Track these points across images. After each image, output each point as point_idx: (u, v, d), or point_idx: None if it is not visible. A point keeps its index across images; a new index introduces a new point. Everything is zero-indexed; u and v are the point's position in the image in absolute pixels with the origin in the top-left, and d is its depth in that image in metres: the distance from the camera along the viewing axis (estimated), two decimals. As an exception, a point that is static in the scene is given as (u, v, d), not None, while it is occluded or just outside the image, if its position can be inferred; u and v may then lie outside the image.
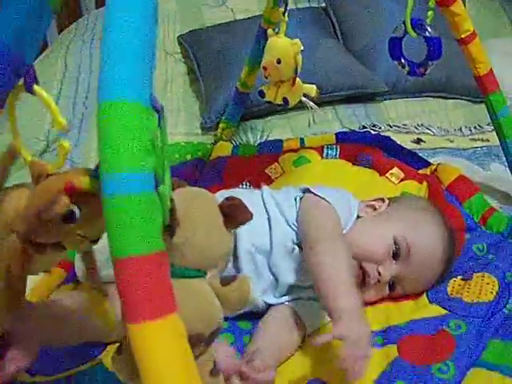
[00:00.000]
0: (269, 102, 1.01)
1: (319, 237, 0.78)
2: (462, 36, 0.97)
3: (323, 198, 0.85)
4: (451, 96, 1.63)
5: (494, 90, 1.03)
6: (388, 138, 1.33)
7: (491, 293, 0.85)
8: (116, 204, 0.38)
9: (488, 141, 1.40)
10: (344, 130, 1.42)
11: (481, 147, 1.40)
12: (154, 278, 0.38)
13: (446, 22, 0.97)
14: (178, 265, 0.49)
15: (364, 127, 1.46)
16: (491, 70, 1.01)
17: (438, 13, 0.95)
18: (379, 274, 0.83)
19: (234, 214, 0.52)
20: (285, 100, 0.99)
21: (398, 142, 1.32)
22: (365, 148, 1.26)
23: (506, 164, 1.13)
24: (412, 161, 1.25)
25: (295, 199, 0.89)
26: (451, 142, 1.44)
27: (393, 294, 0.88)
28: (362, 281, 0.84)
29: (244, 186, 1.17)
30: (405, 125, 1.49)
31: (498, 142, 1.13)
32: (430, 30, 0.92)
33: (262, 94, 1.01)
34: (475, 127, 1.49)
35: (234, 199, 0.53)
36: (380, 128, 1.46)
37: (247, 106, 1.37)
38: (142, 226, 0.38)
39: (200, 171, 1.23)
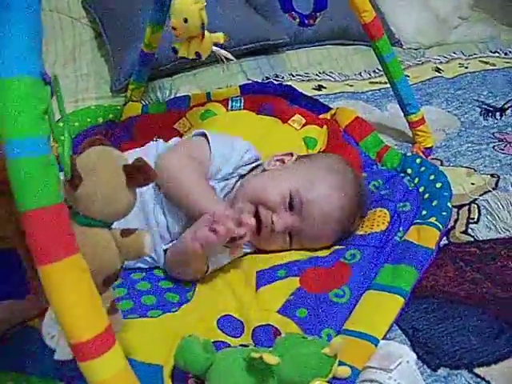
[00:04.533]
0: (182, 58, 1.02)
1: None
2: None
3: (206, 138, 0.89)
4: (350, 42, 1.69)
5: (380, 36, 1.08)
6: (289, 86, 1.36)
7: (383, 223, 0.92)
8: (17, 166, 0.45)
9: (385, 83, 1.47)
10: (248, 82, 1.45)
11: (378, 89, 1.48)
12: (56, 226, 0.46)
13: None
14: (83, 214, 0.53)
15: (267, 78, 1.50)
16: (376, 17, 1.06)
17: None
18: (272, 222, 0.86)
19: (136, 175, 0.55)
20: (197, 54, 1.01)
21: (300, 90, 1.36)
22: (267, 98, 1.30)
23: (397, 101, 1.20)
24: (313, 107, 1.30)
25: None
26: (351, 86, 1.51)
27: (293, 247, 0.90)
28: (258, 229, 0.86)
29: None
30: (306, 73, 1.54)
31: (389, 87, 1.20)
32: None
33: (175, 50, 1.02)
34: (374, 71, 1.56)
35: (138, 161, 0.56)
36: (283, 78, 1.50)
37: (154, 66, 1.37)
38: (40, 183, 0.45)
39: (112, 133, 1.23)
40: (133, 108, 1.30)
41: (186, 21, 0.95)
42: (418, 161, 1.08)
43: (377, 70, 1.56)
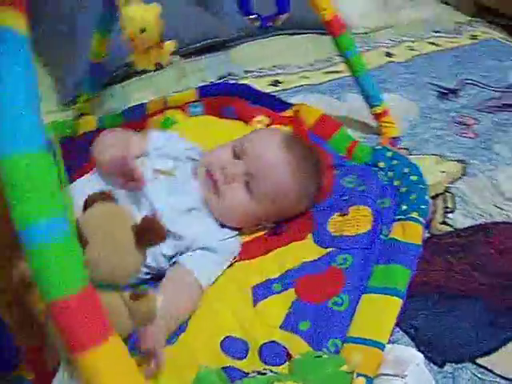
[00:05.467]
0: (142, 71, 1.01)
1: None
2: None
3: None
4: (299, 32, 1.71)
5: (342, 33, 1.10)
6: (246, 85, 1.37)
7: (368, 222, 0.95)
8: (37, 253, 0.42)
9: (341, 72, 1.49)
10: (204, 83, 1.44)
11: (334, 79, 1.50)
12: (88, 310, 0.43)
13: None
14: (90, 278, 0.51)
15: (223, 77, 1.50)
16: (336, 15, 1.08)
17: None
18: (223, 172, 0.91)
19: (147, 235, 0.54)
20: (158, 64, 1.00)
21: (257, 88, 1.37)
22: (228, 100, 1.30)
23: (361, 95, 1.23)
24: (274, 104, 1.31)
25: None
26: (307, 78, 1.52)
27: (254, 198, 0.92)
28: (214, 187, 0.91)
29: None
30: (260, 69, 1.54)
31: (349, 73, 1.22)
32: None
33: (132, 64, 1.00)
34: (327, 60, 1.59)
35: (148, 220, 0.54)
36: (237, 76, 1.50)
37: (103, 74, 1.34)
38: (65, 268, 0.42)
39: (70, 151, 1.19)
40: (88, 123, 1.27)
41: (143, 30, 0.93)
42: (389, 154, 1.11)
43: (329, 59, 1.59)
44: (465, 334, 0.80)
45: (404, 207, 0.98)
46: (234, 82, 1.43)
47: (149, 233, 0.54)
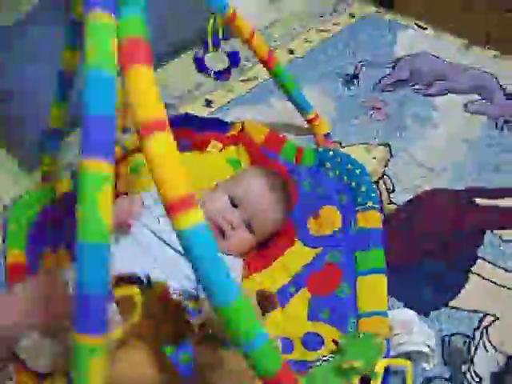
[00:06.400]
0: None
1: None
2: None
3: None
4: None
5: (275, 65, 1.34)
6: (187, 114, 1.58)
7: (338, 220, 1.26)
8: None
9: (258, 78, 1.75)
10: None
11: (253, 87, 1.75)
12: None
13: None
14: None
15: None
16: (271, 53, 1.32)
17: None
18: (230, 222, 1.15)
19: (264, 308, 0.77)
20: (123, 148, 1.21)
21: (194, 113, 1.59)
22: (178, 134, 1.49)
23: (282, 96, 1.46)
24: (218, 126, 1.54)
25: None
26: (229, 91, 1.76)
27: (256, 235, 1.18)
28: (222, 234, 1.15)
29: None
30: (189, 90, 1.75)
31: (266, 77, 1.44)
32: (226, 48, 1.20)
33: None
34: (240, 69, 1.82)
35: (261, 293, 0.78)
36: (173, 104, 1.70)
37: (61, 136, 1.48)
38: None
39: (59, 218, 1.34)
40: (63, 184, 1.42)
41: None
42: (331, 153, 1.41)
43: (243, 66, 1.82)
44: (433, 287, 1.14)
45: (359, 199, 1.29)
46: (173, 113, 1.62)
47: (265, 304, 0.79)
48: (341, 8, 2.16)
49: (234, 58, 1.23)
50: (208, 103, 1.71)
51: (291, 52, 1.91)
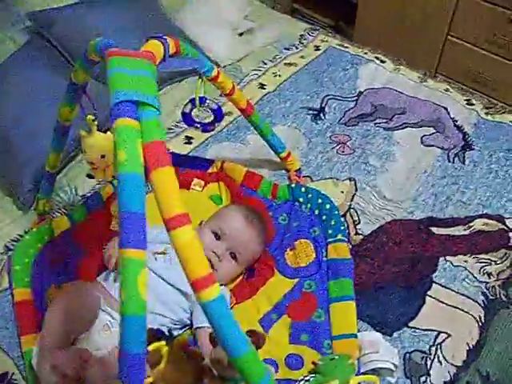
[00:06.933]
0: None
1: None
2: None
3: None
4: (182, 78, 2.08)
5: (252, 112, 1.53)
6: (171, 152, 1.75)
7: (312, 252, 1.45)
8: None
9: (232, 113, 1.93)
10: None
11: (230, 123, 1.93)
12: None
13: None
14: None
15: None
16: (248, 101, 1.50)
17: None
18: (215, 253, 1.34)
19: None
20: (114, 177, 1.35)
21: (175, 151, 1.76)
22: None
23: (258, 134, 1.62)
24: (198, 164, 1.71)
25: None
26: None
27: (239, 263, 1.38)
28: (212, 266, 1.33)
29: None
30: (170, 129, 1.92)
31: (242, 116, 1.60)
32: (212, 104, 1.39)
33: (92, 177, 1.35)
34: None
35: (251, 334, 0.97)
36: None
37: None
38: None
39: (59, 256, 1.47)
40: (60, 223, 1.55)
41: (103, 156, 1.26)
42: (303, 189, 1.60)
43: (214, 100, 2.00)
44: (395, 310, 1.35)
45: (330, 231, 1.49)
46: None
47: (256, 342, 0.97)
48: (307, 40, 2.34)
49: (218, 112, 1.41)
50: (189, 140, 1.88)
51: (262, 86, 2.09)
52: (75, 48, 2.02)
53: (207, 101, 1.39)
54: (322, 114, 1.95)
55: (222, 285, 1.39)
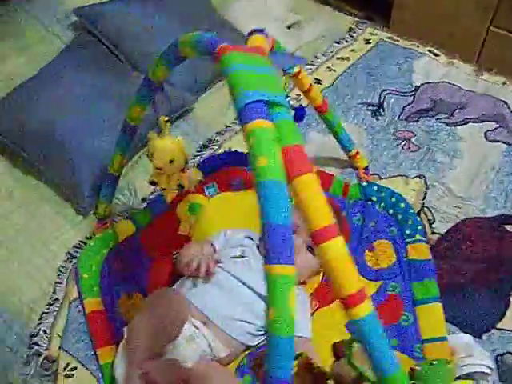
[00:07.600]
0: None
1: None
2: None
3: None
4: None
5: (327, 110, 1.53)
6: (236, 152, 1.75)
7: (392, 252, 1.47)
8: None
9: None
10: (200, 158, 1.76)
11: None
12: None
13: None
14: None
15: (204, 146, 1.82)
16: (324, 100, 1.51)
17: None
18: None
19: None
20: (180, 186, 1.32)
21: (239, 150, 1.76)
22: (230, 172, 1.67)
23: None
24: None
25: None
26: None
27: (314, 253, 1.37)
28: None
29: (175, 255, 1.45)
30: (228, 126, 1.91)
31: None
32: (292, 103, 1.40)
33: (154, 183, 1.30)
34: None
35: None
36: (217, 141, 1.85)
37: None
38: None
39: (125, 262, 1.46)
40: (124, 227, 1.52)
41: (171, 161, 1.23)
42: (375, 188, 1.62)
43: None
44: (480, 311, 1.36)
45: (408, 232, 1.50)
46: (223, 151, 1.78)
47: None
48: (356, 34, 2.33)
49: (299, 112, 1.41)
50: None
51: (318, 81, 2.08)
52: (125, 43, 2.02)
53: (288, 99, 1.39)
54: (381, 110, 1.95)
55: (301, 283, 1.40)
